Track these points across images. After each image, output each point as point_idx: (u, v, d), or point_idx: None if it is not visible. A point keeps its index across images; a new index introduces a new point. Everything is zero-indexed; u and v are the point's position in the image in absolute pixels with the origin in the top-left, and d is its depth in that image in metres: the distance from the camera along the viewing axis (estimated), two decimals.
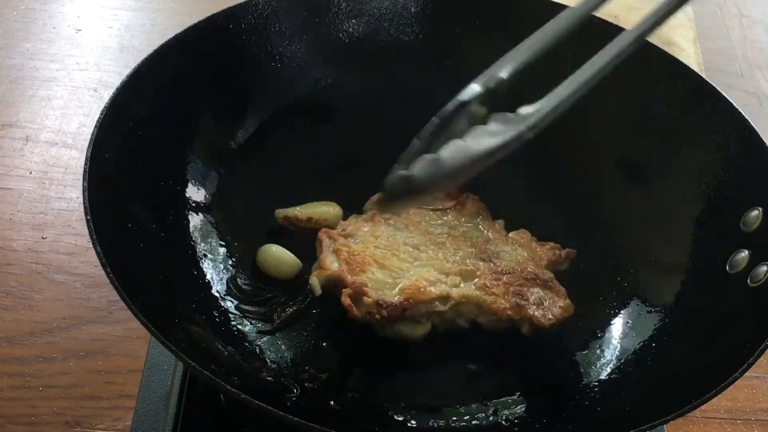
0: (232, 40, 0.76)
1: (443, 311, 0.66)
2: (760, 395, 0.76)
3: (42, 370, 0.72)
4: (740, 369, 0.54)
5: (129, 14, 1.13)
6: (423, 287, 0.66)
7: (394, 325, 0.65)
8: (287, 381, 0.64)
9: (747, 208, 0.66)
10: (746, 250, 0.64)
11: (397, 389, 0.67)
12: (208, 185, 0.74)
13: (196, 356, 0.55)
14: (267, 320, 0.69)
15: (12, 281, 0.79)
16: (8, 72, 1.02)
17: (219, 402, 0.67)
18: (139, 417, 0.67)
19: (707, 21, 1.20)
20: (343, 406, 0.64)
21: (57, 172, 0.90)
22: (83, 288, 0.79)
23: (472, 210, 0.74)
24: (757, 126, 0.68)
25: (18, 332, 0.75)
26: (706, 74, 0.97)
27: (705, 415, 0.74)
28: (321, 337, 0.68)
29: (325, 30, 0.80)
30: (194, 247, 0.70)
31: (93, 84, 1.01)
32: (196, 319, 0.65)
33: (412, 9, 0.81)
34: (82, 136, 0.94)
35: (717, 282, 0.66)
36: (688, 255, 0.70)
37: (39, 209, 0.86)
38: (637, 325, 0.69)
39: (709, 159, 0.71)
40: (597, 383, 0.66)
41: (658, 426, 0.52)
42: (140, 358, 0.72)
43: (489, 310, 0.66)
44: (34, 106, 0.98)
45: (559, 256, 0.72)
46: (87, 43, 1.08)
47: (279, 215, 0.75)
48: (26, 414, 0.69)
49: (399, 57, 0.82)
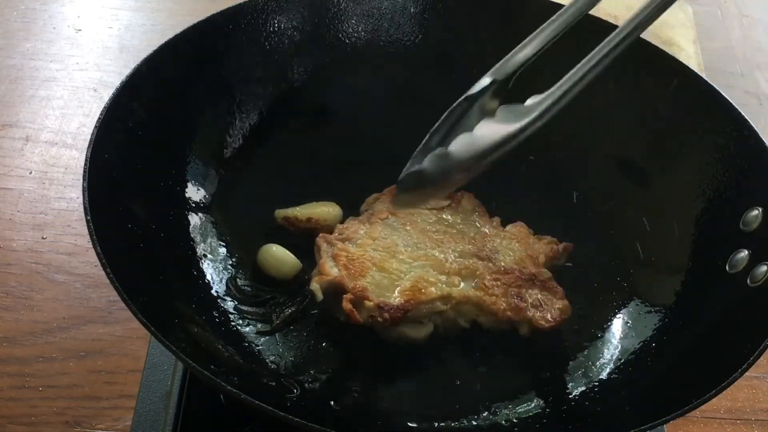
0: (231, 40, 0.76)
1: (444, 311, 0.66)
2: (760, 395, 0.76)
3: (42, 370, 0.72)
4: (740, 369, 0.54)
5: (129, 14, 1.13)
6: (423, 288, 0.66)
7: (397, 327, 0.65)
8: (287, 381, 0.64)
9: (747, 208, 0.66)
10: (746, 250, 0.64)
11: (396, 389, 0.67)
12: (208, 185, 0.74)
13: (196, 356, 0.55)
14: (266, 321, 0.69)
15: (12, 281, 0.79)
16: (8, 72, 1.02)
17: (219, 402, 0.67)
18: (139, 417, 0.67)
19: (707, 21, 1.20)
20: (343, 407, 0.64)
21: (57, 172, 0.90)
22: (83, 288, 0.79)
23: (468, 207, 0.74)
24: (757, 126, 0.68)
25: (18, 332, 0.75)
26: (706, 74, 0.97)
27: (705, 415, 0.74)
28: (321, 338, 0.68)
29: (325, 30, 0.80)
30: (194, 247, 0.70)
31: (93, 84, 1.01)
32: (196, 319, 0.65)
33: (412, 9, 0.81)
34: (82, 136, 0.94)
35: (717, 282, 0.66)
36: (688, 255, 0.70)
37: (39, 209, 0.86)
38: (637, 325, 0.69)
39: (709, 159, 0.71)
40: (597, 383, 0.66)
41: (658, 426, 0.52)
42: (140, 358, 0.72)
43: (489, 311, 0.66)
44: (34, 106, 0.98)
45: (557, 251, 0.72)
46: (87, 43, 1.08)
47: (279, 215, 0.75)
48: (26, 414, 0.69)
49: (399, 57, 0.82)
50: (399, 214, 0.72)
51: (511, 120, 0.54)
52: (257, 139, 0.78)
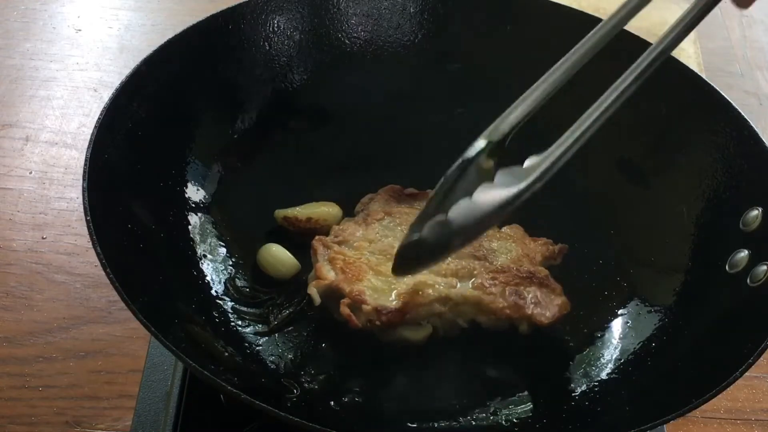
0: (231, 40, 0.76)
1: (443, 312, 0.66)
2: (760, 395, 0.76)
3: (42, 370, 0.72)
4: (740, 369, 0.54)
5: (129, 14, 1.13)
6: (421, 290, 0.65)
7: (396, 330, 0.65)
8: (287, 381, 0.64)
9: (747, 208, 0.66)
10: (746, 249, 0.64)
11: (396, 389, 0.67)
12: (208, 185, 0.74)
13: (196, 356, 0.55)
14: (263, 322, 0.69)
15: (12, 281, 0.79)
16: (8, 72, 1.02)
17: (219, 402, 0.67)
18: (139, 417, 0.67)
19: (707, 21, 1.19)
20: (343, 407, 0.64)
21: (57, 172, 0.90)
22: (83, 288, 0.79)
23: None
24: (757, 126, 0.68)
25: (18, 332, 0.75)
26: (706, 74, 0.97)
27: (705, 415, 0.74)
28: (320, 338, 0.68)
29: (325, 30, 0.80)
30: (194, 247, 0.70)
31: (93, 84, 1.01)
32: (196, 319, 0.65)
33: (411, 9, 0.81)
34: (82, 136, 0.94)
35: (717, 282, 0.65)
36: (688, 255, 0.70)
37: (39, 209, 0.86)
38: (637, 325, 0.69)
39: (709, 159, 0.71)
40: (597, 383, 0.66)
41: (658, 426, 0.52)
42: (140, 358, 0.72)
43: (488, 310, 0.66)
44: (34, 106, 0.98)
45: (553, 252, 0.72)
46: (87, 43, 1.08)
47: (279, 215, 0.75)
48: (26, 414, 0.69)
49: (398, 57, 0.82)
50: (394, 214, 0.72)
51: (510, 183, 0.53)
52: (257, 139, 0.78)
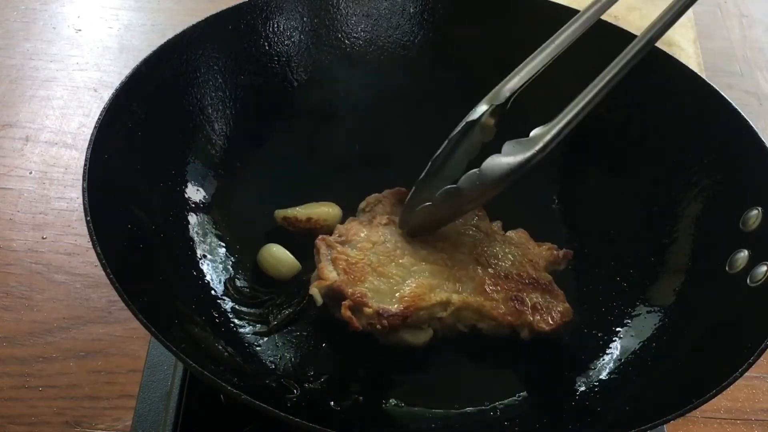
0: (231, 41, 0.76)
1: (443, 317, 0.66)
2: (760, 395, 0.76)
3: (42, 370, 0.72)
4: (740, 369, 0.54)
5: (129, 14, 1.13)
6: (423, 294, 0.65)
7: (396, 333, 0.65)
8: (287, 381, 0.64)
9: (747, 208, 0.66)
10: (746, 249, 0.64)
11: (397, 389, 0.67)
12: (208, 185, 0.74)
13: (196, 356, 0.55)
14: (263, 322, 0.69)
15: (12, 281, 0.79)
16: (8, 72, 1.02)
17: (219, 402, 0.67)
18: (139, 417, 0.67)
19: (707, 21, 1.20)
20: (343, 407, 0.64)
21: (57, 172, 0.90)
22: (83, 288, 0.79)
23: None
24: (757, 126, 0.68)
25: (18, 332, 0.75)
26: (706, 74, 0.97)
27: (705, 415, 0.74)
28: (320, 338, 0.68)
29: (325, 30, 0.80)
30: (194, 247, 0.70)
31: (93, 84, 1.01)
32: (196, 319, 0.65)
33: (411, 9, 0.81)
34: (82, 136, 0.94)
35: (717, 282, 0.65)
36: (688, 255, 0.70)
37: (39, 209, 0.86)
38: (637, 325, 0.69)
39: (709, 159, 0.71)
40: (597, 383, 0.66)
41: (658, 426, 0.52)
42: (140, 358, 0.72)
43: (489, 316, 0.66)
44: (34, 106, 0.98)
45: (557, 257, 0.72)
46: (87, 43, 1.08)
47: (278, 215, 0.75)
48: (26, 414, 0.69)
49: (398, 57, 0.82)
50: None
51: (518, 151, 0.59)
52: (257, 139, 0.79)
